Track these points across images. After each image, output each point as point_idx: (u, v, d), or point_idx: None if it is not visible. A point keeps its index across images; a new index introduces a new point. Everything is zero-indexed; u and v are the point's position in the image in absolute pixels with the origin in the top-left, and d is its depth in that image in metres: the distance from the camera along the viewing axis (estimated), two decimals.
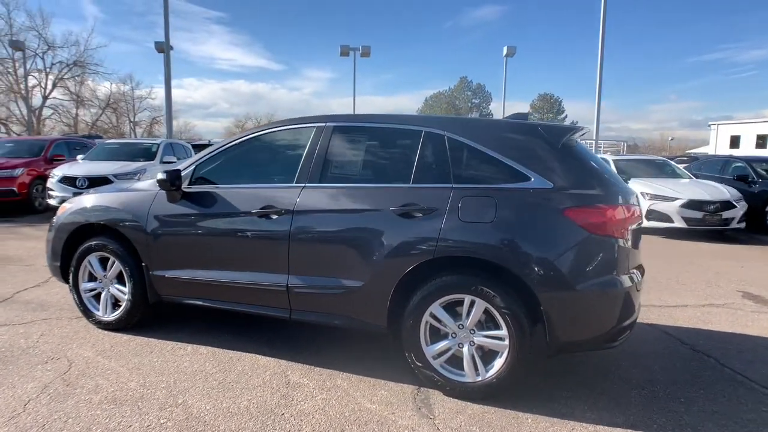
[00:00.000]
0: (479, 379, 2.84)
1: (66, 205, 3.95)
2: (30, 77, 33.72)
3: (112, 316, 3.74)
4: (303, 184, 3.21)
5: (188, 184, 3.49)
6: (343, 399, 2.84)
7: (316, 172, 3.21)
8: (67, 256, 3.84)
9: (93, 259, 3.75)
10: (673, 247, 8.22)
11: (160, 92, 37.05)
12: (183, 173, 3.50)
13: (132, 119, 47.91)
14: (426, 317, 2.90)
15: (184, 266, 3.47)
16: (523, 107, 71.34)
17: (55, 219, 3.94)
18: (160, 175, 3.33)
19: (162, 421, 2.54)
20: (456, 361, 2.91)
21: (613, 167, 10.57)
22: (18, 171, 9.35)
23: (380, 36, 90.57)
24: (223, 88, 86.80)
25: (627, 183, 10.04)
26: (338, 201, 3.11)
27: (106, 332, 3.72)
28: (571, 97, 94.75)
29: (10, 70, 33.82)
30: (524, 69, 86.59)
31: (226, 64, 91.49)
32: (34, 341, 3.53)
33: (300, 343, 3.62)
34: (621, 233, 2.74)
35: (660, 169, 11.04)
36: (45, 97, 36.64)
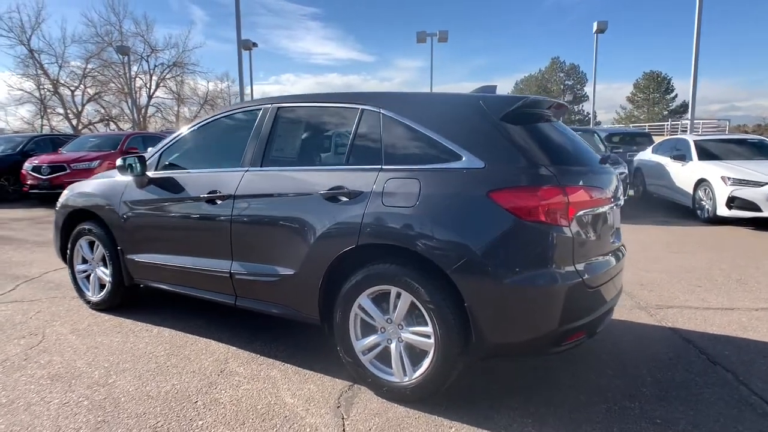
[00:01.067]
0: (407, 379, 2.58)
1: (65, 192, 4.23)
2: (137, 79, 37.44)
3: (98, 297, 3.95)
4: (246, 168, 3.12)
5: (155, 170, 3.56)
6: (266, 391, 2.73)
7: (258, 156, 3.10)
8: (66, 238, 4.12)
9: (83, 242, 3.98)
10: (754, 240, 7.06)
11: (256, 88, 39.13)
12: (149, 160, 3.57)
13: None
14: (355, 309, 2.69)
15: (148, 251, 3.56)
16: (626, 88, 65.65)
17: (57, 204, 4.24)
18: (119, 162, 3.43)
19: (80, 400, 2.61)
20: (387, 359, 2.67)
21: (693, 149, 9.35)
22: (95, 163, 10.41)
23: (474, 20, 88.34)
24: (317, 81, 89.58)
25: (699, 165, 8.86)
26: (273, 185, 2.98)
27: (92, 312, 3.93)
28: (683, 75, 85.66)
29: (120, 73, 37.72)
30: (629, 46, 79.71)
31: (320, 58, 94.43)
32: (29, 317, 3.82)
33: (267, 332, 3.57)
34: (561, 219, 2.32)
35: (755, 150, 9.55)
36: (150, 96, 40.49)
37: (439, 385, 2.50)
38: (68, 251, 4.08)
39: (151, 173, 3.54)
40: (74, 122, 37.62)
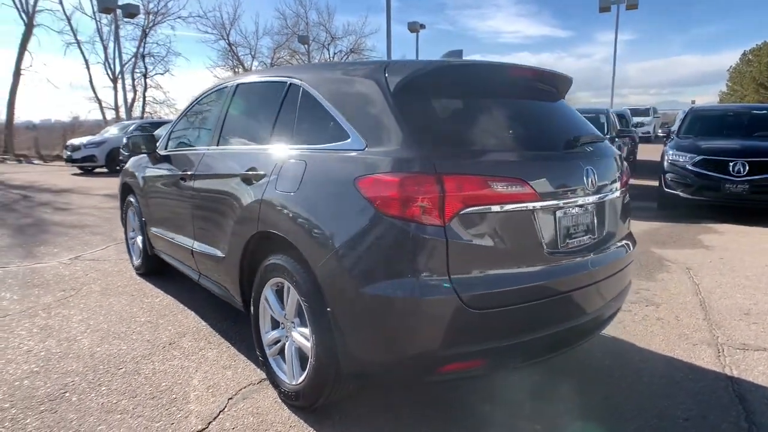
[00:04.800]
0: (294, 383, 2.32)
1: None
2: None
3: (137, 262, 4.43)
4: (206, 148, 3.13)
5: (165, 149, 3.81)
6: (185, 370, 2.72)
7: (216, 135, 3.08)
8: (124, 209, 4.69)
9: (129, 212, 4.49)
10: None
11: None
12: (159, 138, 3.83)
13: None
14: (263, 301, 2.51)
15: (156, 224, 3.84)
16: None
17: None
18: (124, 140, 3.73)
19: (40, 351, 2.92)
20: (285, 357, 2.44)
21: None
22: None
23: None
24: (506, 61, 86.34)
25: None
26: (216, 165, 2.94)
27: (133, 275, 4.41)
28: None
29: (303, 61, 41.72)
30: None
31: (510, 36, 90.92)
32: (84, 273, 4.46)
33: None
34: (430, 216, 1.78)
35: None
36: None
37: (316, 397, 2.19)
38: (125, 220, 4.65)
39: (160, 151, 3.80)
40: None
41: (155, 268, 4.29)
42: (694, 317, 3.53)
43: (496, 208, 1.85)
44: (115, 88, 27.57)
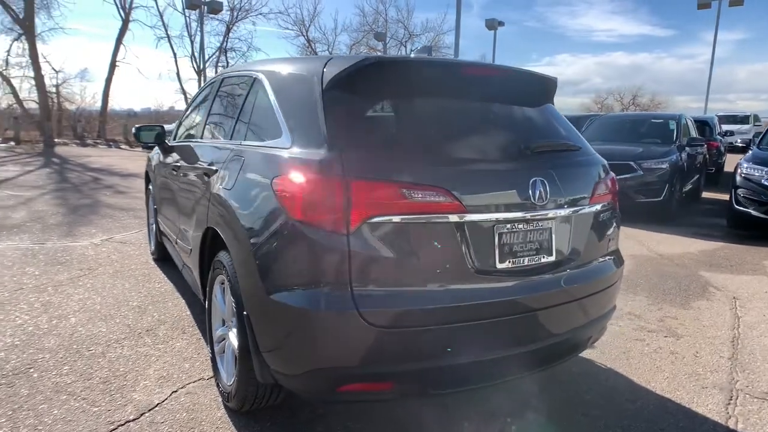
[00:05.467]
0: (228, 383, 2.27)
1: None
2: None
3: (152, 248, 4.62)
4: (194, 140, 3.17)
5: (174, 139, 3.91)
6: (147, 359, 2.76)
7: (201, 128, 3.11)
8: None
9: (150, 200, 4.68)
10: None
11: None
12: (168, 130, 3.94)
13: None
14: (213, 297, 2.49)
15: (161, 211, 3.97)
16: None
17: None
18: (133, 130, 3.87)
19: (28, 326, 3.09)
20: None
21: None
22: None
23: None
24: (597, 62, 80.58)
25: None
26: (191, 158, 2.97)
27: (148, 260, 4.60)
28: None
29: None
30: None
31: (603, 35, 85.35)
32: (106, 255, 4.70)
33: None
34: (332, 223, 1.64)
35: None
36: None
37: (243, 401, 2.12)
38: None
39: (168, 141, 3.90)
40: None
41: (167, 255, 4.45)
42: (717, 355, 3.09)
43: (410, 218, 1.68)
44: (199, 80, 29.29)
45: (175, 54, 29.21)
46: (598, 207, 2.16)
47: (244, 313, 1.93)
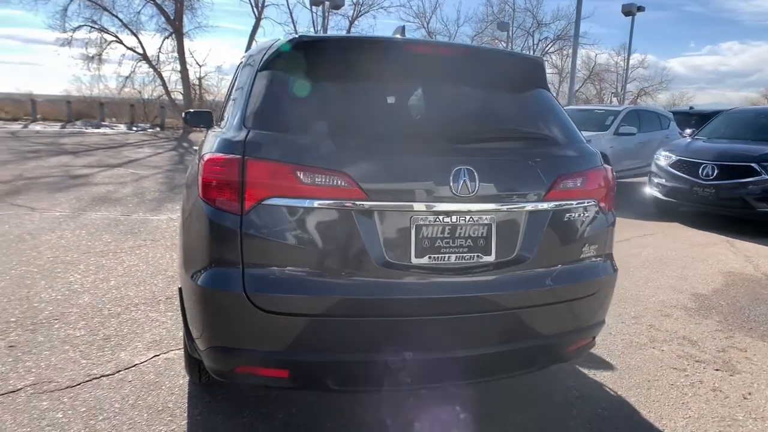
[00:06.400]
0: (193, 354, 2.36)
1: None
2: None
3: None
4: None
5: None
6: (150, 322, 2.98)
7: (220, 113, 3.24)
8: None
9: None
10: None
11: (654, 61, 34.44)
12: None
13: (619, 89, 46.58)
14: None
15: None
16: None
17: None
18: (184, 114, 4.15)
19: (79, 282, 3.52)
20: None
21: None
22: None
23: None
24: None
25: None
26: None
27: None
28: None
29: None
30: None
31: None
32: (170, 230, 5.17)
33: None
34: (227, 202, 1.62)
35: None
36: None
37: (190, 372, 2.23)
38: None
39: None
40: None
41: None
42: None
43: (306, 203, 1.59)
44: None
45: None
46: (566, 204, 1.84)
47: (179, 287, 2.00)
